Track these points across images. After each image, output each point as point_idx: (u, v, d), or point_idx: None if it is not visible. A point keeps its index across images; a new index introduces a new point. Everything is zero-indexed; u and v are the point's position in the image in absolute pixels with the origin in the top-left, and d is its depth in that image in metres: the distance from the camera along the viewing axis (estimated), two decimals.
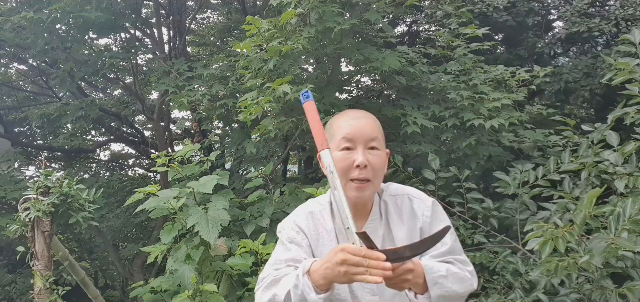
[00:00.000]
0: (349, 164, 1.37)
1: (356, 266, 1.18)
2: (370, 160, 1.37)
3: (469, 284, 1.38)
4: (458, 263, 1.41)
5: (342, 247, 1.21)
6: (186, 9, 7.02)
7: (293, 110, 3.90)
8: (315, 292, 1.25)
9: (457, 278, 1.35)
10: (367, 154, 1.38)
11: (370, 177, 1.38)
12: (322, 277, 1.24)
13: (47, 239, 3.05)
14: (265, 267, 1.46)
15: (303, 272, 1.28)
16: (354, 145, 1.38)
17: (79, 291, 3.50)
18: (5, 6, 5.66)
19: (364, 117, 1.44)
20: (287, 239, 1.46)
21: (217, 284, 3.22)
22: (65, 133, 7.55)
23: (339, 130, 1.41)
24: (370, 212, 1.46)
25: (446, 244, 1.42)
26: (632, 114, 2.77)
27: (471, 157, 4.04)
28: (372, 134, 1.40)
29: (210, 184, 3.20)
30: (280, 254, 1.44)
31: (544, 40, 6.02)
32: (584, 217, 2.25)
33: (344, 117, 1.45)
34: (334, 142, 1.41)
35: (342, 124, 1.42)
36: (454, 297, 1.34)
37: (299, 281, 1.27)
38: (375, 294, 1.42)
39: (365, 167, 1.36)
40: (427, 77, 4.43)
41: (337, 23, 3.71)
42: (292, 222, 1.49)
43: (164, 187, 4.58)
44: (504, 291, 3.16)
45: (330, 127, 1.46)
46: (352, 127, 1.39)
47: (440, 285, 1.30)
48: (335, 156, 1.39)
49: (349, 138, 1.38)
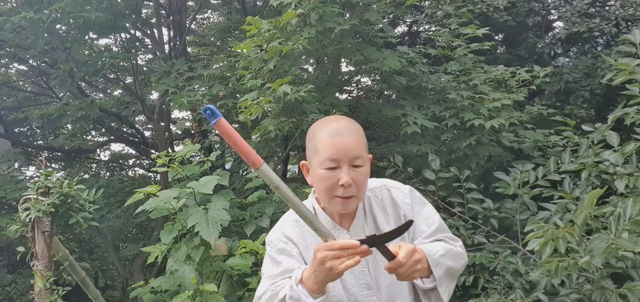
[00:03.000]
0: (333, 183, 1.37)
1: (337, 258, 1.22)
2: (355, 178, 1.37)
3: (462, 259, 1.46)
4: (448, 239, 1.46)
5: (317, 248, 1.25)
6: (186, 9, 7.01)
7: (293, 110, 3.90)
8: (312, 297, 1.28)
9: (452, 254, 1.42)
10: (351, 172, 1.36)
11: (354, 194, 1.38)
12: (314, 282, 1.27)
13: (47, 239, 3.05)
14: (261, 283, 1.47)
15: (296, 282, 1.31)
16: (338, 164, 1.36)
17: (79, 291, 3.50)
18: (5, 6, 5.65)
19: (348, 132, 1.38)
20: (277, 251, 1.46)
21: (217, 284, 3.22)
22: (65, 133, 7.55)
23: (323, 147, 1.37)
24: (355, 212, 1.48)
25: (434, 223, 1.48)
26: (632, 114, 2.78)
27: (471, 157, 4.04)
28: (356, 152, 1.37)
29: (210, 184, 3.20)
30: (273, 268, 1.44)
31: (544, 40, 6.02)
32: (584, 218, 2.25)
33: (327, 131, 1.39)
34: (317, 157, 1.39)
35: (326, 141, 1.37)
36: (453, 273, 1.41)
37: (294, 292, 1.29)
38: (370, 288, 1.44)
39: (350, 185, 1.36)
40: (427, 77, 4.43)
41: (337, 23, 3.71)
42: (279, 232, 1.49)
43: (164, 187, 4.58)
44: (504, 291, 3.15)
45: (313, 138, 1.43)
46: (336, 146, 1.35)
47: (441, 264, 1.37)
48: (317, 172, 1.39)
49: (333, 158, 1.36)
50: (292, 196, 1.29)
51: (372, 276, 1.44)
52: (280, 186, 1.26)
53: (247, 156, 1.22)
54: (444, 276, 1.37)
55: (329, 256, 1.22)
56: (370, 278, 1.44)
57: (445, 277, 1.38)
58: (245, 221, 3.71)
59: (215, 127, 1.18)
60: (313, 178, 1.44)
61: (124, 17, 6.05)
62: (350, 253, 1.21)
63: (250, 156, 1.22)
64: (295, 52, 3.74)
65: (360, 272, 1.43)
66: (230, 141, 1.21)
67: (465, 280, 3.28)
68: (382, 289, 1.44)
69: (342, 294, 1.42)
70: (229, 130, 1.20)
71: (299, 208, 1.30)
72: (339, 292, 1.41)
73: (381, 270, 1.43)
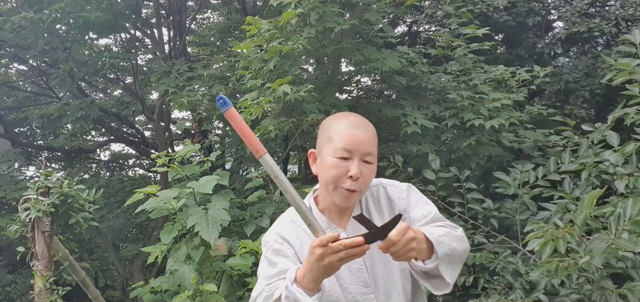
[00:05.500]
0: (342, 173, 1.37)
1: (335, 252, 1.22)
2: (363, 172, 1.38)
3: (464, 243, 1.44)
4: (448, 225, 1.45)
5: (313, 245, 1.25)
6: (186, 9, 7.01)
7: (293, 111, 3.90)
8: (308, 295, 1.28)
9: (453, 236, 1.40)
10: (361, 166, 1.38)
11: (359, 189, 1.39)
12: (310, 280, 1.28)
13: (47, 239, 3.04)
14: (256, 283, 1.47)
15: (290, 281, 1.31)
16: (351, 156, 1.38)
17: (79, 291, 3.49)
18: (5, 6, 5.66)
19: (364, 127, 1.42)
20: (273, 251, 1.47)
21: (217, 284, 3.22)
22: (65, 133, 7.54)
23: (338, 136, 1.39)
24: (351, 211, 1.48)
25: (430, 213, 1.47)
26: (632, 114, 2.78)
27: (471, 157, 4.04)
28: (369, 147, 1.39)
29: (210, 184, 3.20)
30: (268, 269, 1.45)
31: (544, 40, 6.01)
32: (584, 218, 2.25)
33: (345, 122, 1.42)
34: (330, 145, 1.40)
35: (342, 131, 1.39)
36: (456, 256, 1.39)
37: (289, 291, 1.29)
38: (368, 286, 1.43)
39: (358, 179, 1.37)
40: (427, 77, 4.43)
41: (337, 23, 3.71)
42: (275, 233, 1.50)
43: (164, 187, 4.58)
44: (504, 291, 3.16)
45: (327, 127, 1.45)
46: (351, 137, 1.38)
47: (443, 243, 1.35)
48: (327, 160, 1.40)
49: (347, 148, 1.37)
50: (290, 187, 1.31)
51: (369, 274, 1.44)
52: (279, 176, 1.30)
53: (251, 144, 1.30)
54: (446, 255, 1.34)
55: (328, 251, 1.22)
56: (367, 276, 1.44)
57: (447, 259, 1.35)
58: (245, 221, 3.71)
59: (226, 114, 1.30)
60: (321, 166, 1.44)
61: (124, 17, 6.05)
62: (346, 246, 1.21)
63: (254, 144, 1.30)
64: (295, 52, 3.74)
65: (357, 270, 1.43)
66: (238, 129, 1.31)
67: (465, 280, 3.28)
68: (380, 287, 1.44)
69: (340, 293, 1.42)
70: (237, 118, 1.31)
71: (295, 199, 1.30)
72: (336, 292, 1.41)
73: (379, 268, 1.44)
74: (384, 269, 1.45)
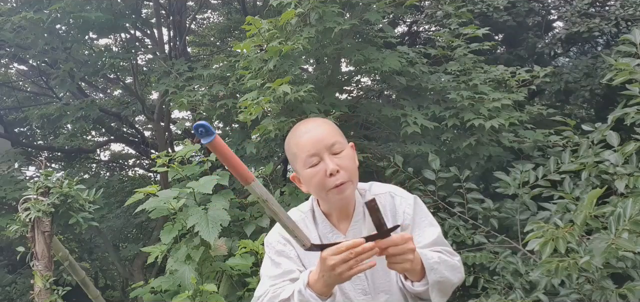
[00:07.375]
0: (322, 176, 1.38)
1: (345, 261, 1.22)
2: (339, 163, 1.39)
3: (459, 273, 1.44)
4: (446, 252, 1.44)
5: (324, 255, 1.25)
6: (186, 9, 7.01)
7: (293, 110, 3.89)
8: (321, 300, 1.30)
9: (448, 265, 1.40)
10: (333, 158, 1.39)
11: (345, 179, 1.39)
12: (324, 286, 1.29)
13: (47, 239, 3.04)
14: (260, 283, 1.48)
15: (304, 285, 1.31)
16: (320, 157, 1.39)
17: (79, 291, 3.50)
18: (5, 6, 5.66)
19: (316, 126, 1.44)
20: (275, 252, 1.47)
21: (217, 284, 3.22)
22: (65, 133, 7.55)
23: (300, 149, 1.41)
24: (353, 214, 1.48)
25: (433, 235, 1.46)
26: (632, 114, 2.78)
27: (471, 157, 4.04)
28: (330, 139, 1.40)
29: (210, 184, 3.20)
30: (272, 269, 1.46)
31: (544, 40, 6.02)
32: (584, 218, 2.25)
33: (298, 133, 1.44)
34: (298, 162, 1.42)
35: (301, 142, 1.41)
36: (447, 284, 1.39)
37: (303, 295, 1.31)
38: (367, 293, 1.44)
39: (338, 171, 1.37)
40: (427, 77, 4.43)
41: (337, 23, 3.70)
42: (278, 234, 1.50)
43: (164, 187, 4.58)
44: (504, 291, 3.16)
45: (289, 148, 1.47)
46: (310, 141, 1.40)
47: (436, 270, 1.35)
48: (304, 173, 1.41)
49: (312, 153, 1.39)
50: (278, 209, 1.28)
51: (368, 282, 1.45)
52: (268, 200, 1.25)
53: (239, 174, 1.21)
54: (437, 283, 1.35)
55: (339, 260, 1.23)
56: (366, 284, 1.44)
57: (438, 286, 1.36)
58: (245, 221, 3.71)
59: (209, 146, 1.12)
60: (305, 183, 1.45)
61: (124, 17, 6.05)
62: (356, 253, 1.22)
63: (242, 174, 1.21)
64: (295, 52, 3.74)
65: (356, 278, 1.42)
66: (225, 160, 1.18)
67: (465, 280, 3.28)
68: (379, 295, 1.44)
69: (340, 299, 1.42)
70: (223, 148, 1.16)
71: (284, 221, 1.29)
72: (337, 296, 1.42)
73: (377, 276, 1.45)
74: (384, 278, 1.45)
